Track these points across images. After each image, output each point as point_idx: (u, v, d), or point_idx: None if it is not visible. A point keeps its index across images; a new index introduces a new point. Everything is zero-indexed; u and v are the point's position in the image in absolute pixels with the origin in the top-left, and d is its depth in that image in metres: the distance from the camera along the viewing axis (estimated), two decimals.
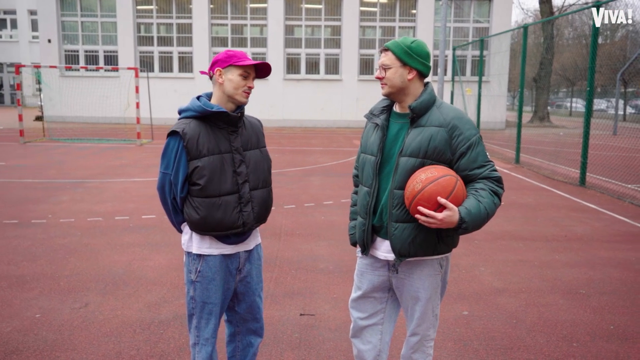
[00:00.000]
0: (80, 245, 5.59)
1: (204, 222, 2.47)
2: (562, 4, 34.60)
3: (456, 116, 2.36)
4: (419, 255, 2.41)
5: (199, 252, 2.54)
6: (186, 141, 2.42)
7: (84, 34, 23.76)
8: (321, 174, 10.23)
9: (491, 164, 2.37)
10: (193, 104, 2.50)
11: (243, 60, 2.45)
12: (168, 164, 2.49)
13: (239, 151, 2.53)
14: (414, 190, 2.24)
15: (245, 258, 2.64)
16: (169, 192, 2.52)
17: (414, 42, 2.40)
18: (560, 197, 8.66)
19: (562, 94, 54.90)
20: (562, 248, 5.76)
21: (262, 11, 23.61)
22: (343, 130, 21.80)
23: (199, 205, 2.47)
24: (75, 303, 4.12)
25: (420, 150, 2.32)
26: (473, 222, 2.23)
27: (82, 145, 14.89)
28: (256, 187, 2.58)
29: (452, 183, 2.23)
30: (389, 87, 2.41)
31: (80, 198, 7.87)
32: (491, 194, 2.31)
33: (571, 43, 45.28)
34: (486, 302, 4.27)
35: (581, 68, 39.81)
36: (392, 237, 2.39)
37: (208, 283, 2.55)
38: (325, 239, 5.95)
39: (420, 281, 2.48)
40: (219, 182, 2.46)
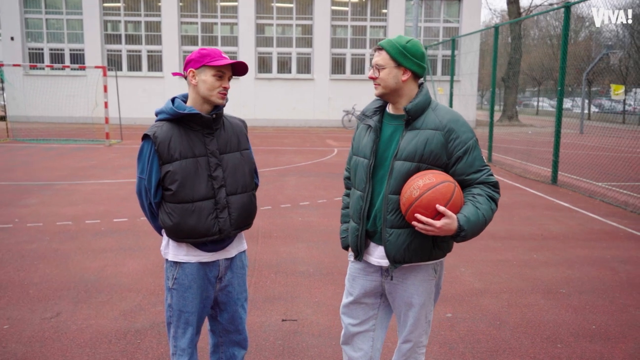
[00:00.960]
0: (50, 250, 5.38)
1: (177, 228, 2.37)
2: (529, 5, 35.21)
3: (452, 119, 2.29)
4: (414, 261, 2.34)
5: (176, 260, 2.44)
6: (157, 145, 2.33)
7: (48, 31, 23.10)
8: (296, 174, 10.13)
9: (488, 169, 2.31)
10: (166, 106, 2.40)
11: (217, 60, 2.34)
12: (143, 168, 2.39)
13: (214, 154, 2.42)
14: (411, 197, 2.17)
15: (226, 266, 2.54)
16: (145, 197, 2.43)
17: (409, 41, 2.32)
18: (534, 195, 8.75)
19: (528, 93, 55.99)
20: (540, 247, 5.80)
21: (232, 9, 23.36)
22: (315, 130, 21.74)
23: (171, 211, 2.37)
24: (46, 312, 3.94)
25: (416, 154, 2.25)
26: (472, 229, 2.17)
27: (48, 146, 14.46)
28: (234, 192, 2.47)
29: (450, 190, 2.17)
30: (382, 87, 2.33)
31: (48, 201, 7.61)
32: (488, 199, 2.26)
33: (537, 43, 46.17)
34: (469, 303, 4.24)
35: (547, 68, 40.65)
36: (386, 243, 2.32)
37: (184, 291, 2.45)
38: (304, 240, 5.86)
39: (414, 287, 2.42)
40: (192, 187, 2.36)
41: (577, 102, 30.51)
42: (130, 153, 13.17)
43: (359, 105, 22.83)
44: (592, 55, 27.49)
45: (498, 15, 48.54)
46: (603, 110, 38.06)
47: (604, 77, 34.78)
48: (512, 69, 28.18)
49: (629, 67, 29.96)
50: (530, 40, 45.51)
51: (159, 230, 2.52)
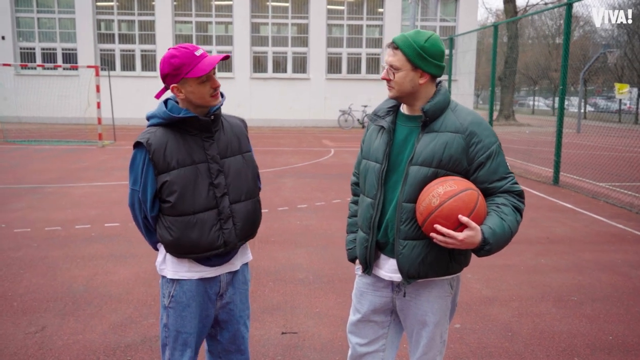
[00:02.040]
0: (37, 258, 5.14)
1: (178, 243, 2.15)
2: (525, 4, 35.13)
3: (474, 121, 2.08)
4: (430, 276, 2.13)
5: (176, 277, 2.22)
6: (152, 153, 2.10)
7: (40, 30, 22.79)
8: (293, 176, 9.91)
9: (512, 176, 2.10)
10: (159, 110, 2.17)
11: (195, 68, 2.07)
12: (136, 179, 2.16)
13: (215, 159, 2.20)
14: (430, 205, 1.95)
15: (227, 282, 2.32)
16: (139, 210, 2.21)
17: (428, 40, 2.06)
18: (536, 196, 8.56)
19: (523, 92, 55.97)
20: (546, 251, 5.60)
21: (227, 8, 23.11)
22: (312, 130, 21.52)
23: (171, 224, 2.15)
24: (31, 326, 3.70)
25: (434, 159, 2.04)
26: (497, 243, 1.96)
27: (39, 147, 14.18)
28: (238, 200, 2.25)
29: (474, 198, 1.95)
30: (397, 90, 2.11)
31: (37, 205, 7.36)
32: (514, 210, 2.05)
33: (532, 42, 46.12)
34: (478, 312, 4.04)
35: (543, 67, 40.58)
36: (399, 256, 2.11)
37: (182, 310, 2.22)
38: (303, 246, 5.64)
39: (428, 304, 2.21)
40: (193, 197, 2.14)
41: (572, 102, 30.42)
42: (123, 154, 12.92)
43: (355, 105, 22.64)
44: (589, 55, 27.39)
45: (493, 15, 48.48)
46: (598, 110, 38.05)
47: (598, 77, 34.77)
48: (509, 68, 28.07)
49: (624, 67, 29.92)
50: (525, 39, 45.45)
51: (155, 245, 2.30)
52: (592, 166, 11.33)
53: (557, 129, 9.63)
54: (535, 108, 47.88)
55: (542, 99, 51.10)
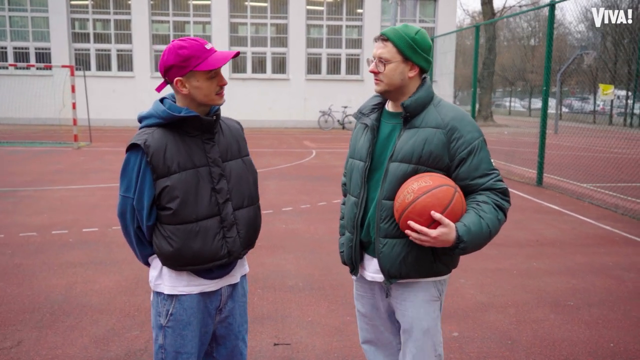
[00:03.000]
0: (11, 266, 4.88)
1: (179, 254, 1.97)
2: (502, 6, 35.49)
3: (456, 116, 2.02)
4: (412, 276, 2.06)
5: (174, 293, 2.03)
6: (150, 155, 1.91)
7: (12, 29, 22.18)
8: (276, 178, 9.73)
9: (496, 173, 2.03)
10: (156, 109, 1.99)
11: (206, 62, 1.93)
12: (129, 185, 1.97)
13: (217, 163, 2.04)
14: (405, 201, 1.90)
15: (227, 295, 2.16)
16: (131, 219, 2.01)
17: (418, 32, 2.03)
18: (521, 198, 8.53)
19: (499, 93, 56.60)
20: (538, 254, 5.53)
21: (205, 8, 22.81)
22: (291, 131, 21.34)
23: (171, 234, 1.97)
24: (5, 341, 3.47)
25: (414, 155, 1.98)
26: (473, 241, 1.89)
27: (12, 149, 13.74)
28: (240, 206, 2.10)
29: (449, 195, 1.89)
30: (385, 84, 2.04)
31: (11, 209, 7.06)
32: (495, 208, 1.97)
33: (507, 44, 46.63)
34: (475, 320, 3.92)
35: (519, 68, 41.07)
36: (380, 255, 2.05)
37: (182, 328, 2.05)
38: (290, 251, 5.48)
39: (414, 309, 2.11)
40: (195, 203, 1.97)
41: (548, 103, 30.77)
42: (100, 156, 12.58)
43: (335, 105, 22.53)
44: (565, 56, 27.72)
45: (469, 16, 48.93)
46: (573, 111, 38.62)
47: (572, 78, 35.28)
48: (487, 69, 28.28)
49: (598, 68, 30.38)
50: (500, 41, 45.96)
51: (146, 258, 2.10)
52: (573, 167, 11.38)
53: (541, 130, 9.63)
54: (512, 109, 48.42)
55: (518, 100, 51.69)
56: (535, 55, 38.34)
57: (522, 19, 42.73)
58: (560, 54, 30.39)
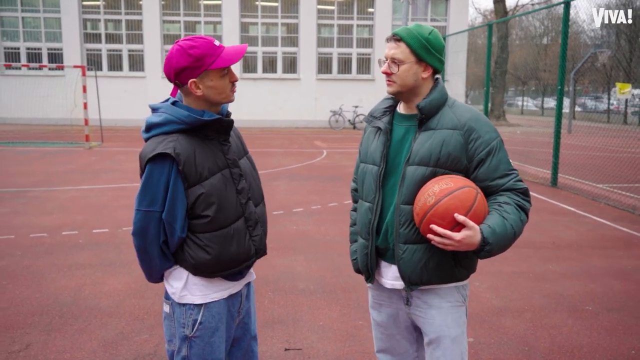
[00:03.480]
0: (21, 267, 4.85)
1: (217, 261, 1.92)
2: (515, 4, 35.18)
3: (473, 117, 1.96)
4: (434, 282, 2.00)
5: (206, 301, 1.97)
6: (182, 164, 1.83)
7: (25, 30, 22.31)
8: (287, 178, 9.67)
9: (515, 173, 1.98)
10: (177, 114, 1.87)
11: (220, 59, 1.86)
12: (154, 198, 1.85)
13: (235, 164, 2.00)
14: (426, 205, 1.84)
15: (245, 295, 2.13)
16: (156, 235, 1.88)
17: (431, 32, 1.97)
18: (535, 199, 8.39)
19: (511, 92, 56.18)
20: (554, 257, 5.41)
21: (216, 8, 22.80)
22: (302, 131, 21.27)
23: (208, 242, 1.90)
24: (14, 345, 3.43)
25: (431, 157, 1.92)
26: (498, 243, 1.83)
27: (23, 149, 13.80)
28: (258, 203, 2.09)
29: (471, 196, 1.83)
30: (398, 85, 1.98)
31: (21, 210, 7.05)
32: (517, 209, 1.92)
33: (520, 43, 46.25)
34: (490, 324, 3.83)
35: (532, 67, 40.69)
36: (400, 262, 1.98)
37: (211, 336, 1.98)
38: (301, 252, 5.41)
39: (440, 316, 2.04)
40: (227, 207, 1.93)
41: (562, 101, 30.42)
42: (111, 156, 12.59)
43: (346, 105, 22.43)
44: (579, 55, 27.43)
45: (481, 15, 48.62)
46: (586, 110, 38.22)
47: (585, 77, 34.89)
48: (499, 68, 28.04)
49: (613, 67, 30.02)
50: (512, 40, 45.60)
51: (162, 273, 1.98)
52: (588, 167, 11.20)
53: (555, 129, 9.49)
54: (524, 108, 48.02)
55: (530, 99, 51.27)
56: (548, 53, 37.99)
57: (534, 17, 42.35)
58: (574, 53, 30.08)
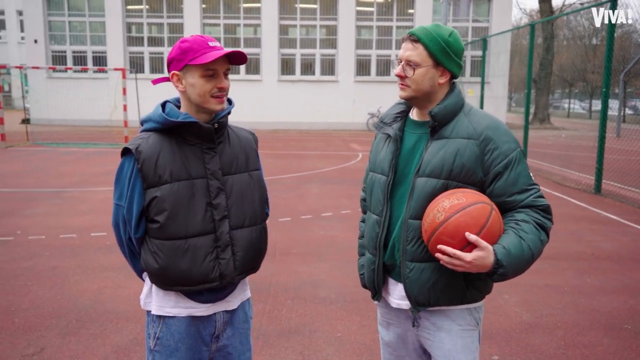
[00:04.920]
0: (47, 269, 4.90)
1: (164, 273, 1.81)
2: (562, 4, 34.10)
3: (490, 125, 1.79)
4: (442, 303, 1.84)
5: (160, 313, 1.87)
6: (141, 162, 1.77)
7: (71, 34, 23.00)
8: (319, 181, 9.56)
9: (536, 188, 1.80)
10: (154, 113, 1.85)
11: (201, 55, 1.76)
12: (121, 193, 1.83)
13: (216, 175, 1.86)
14: (435, 221, 1.68)
15: (224, 321, 1.96)
16: (124, 230, 1.86)
17: (451, 34, 1.81)
18: (576, 206, 8.03)
19: (557, 94, 54.55)
20: (592, 269, 5.12)
21: (255, 11, 22.94)
22: (339, 133, 21.15)
23: (157, 249, 1.81)
24: (29, 347, 3.43)
25: (443, 168, 1.77)
26: (513, 266, 1.67)
27: (66, 150, 14.15)
28: (240, 225, 1.91)
29: (485, 213, 1.67)
30: (413, 90, 1.83)
31: (55, 210, 7.18)
32: (536, 228, 1.74)
33: (567, 44, 44.86)
34: (518, 342, 3.61)
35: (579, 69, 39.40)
36: (406, 281, 1.83)
37: (169, 355, 1.88)
38: (326, 259, 5.28)
39: (450, 341, 1.88)
40: (186, 218, 1.80)
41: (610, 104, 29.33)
42: None
43: (385, 107, 22.17)
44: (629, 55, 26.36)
45: (528, 15, 47.42)
46: (637, 113, 36.71)
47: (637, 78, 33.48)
48: (544, 69, 27.21)
49: None
50: (559, 40, 44.25)
51: (141, 273, 1.96)
52: (636, 173, 10.65)
53: (600, 134, 9.06)
54: (571, 111, 46.54)
55: (577, 101, 49.66)
56: (597, 54, 36.69)
57: (582, 16, 40.98)
58: (624, 53, 28.92)
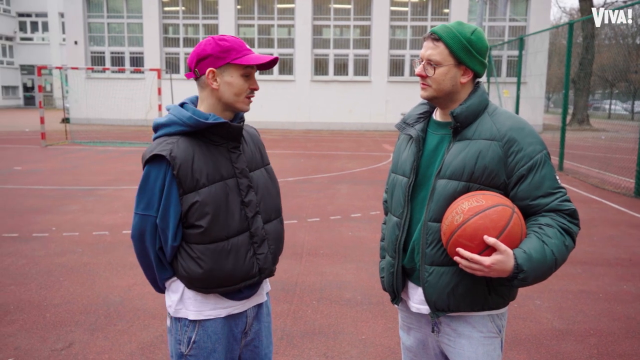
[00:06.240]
0: (79, 265, 5.01)
1: (210, 276, 1.80)
2: (603, 2, 33.18)
3: (514, 126, 1.74)
4: (463, 309, 1.78)
5: (200, 318, 1.86)
6: (177, 168, 1.74)
7: (110, 35, 23.54)
8: (349, 182, 9.52)
9: (562, 192, 1.73)
10: (179, 115, 1.80)
11: (245, 56, 1.77)
12: (150, 202, 1.78)
13: (244, 174, 1.87)
14: (453, 224, 1.64)
15: (253, 316, 1.98)
16: (152, 241, 1.81)
17: (474, 32, 1.76)
18: (614, 210, 7.77)
19: (598, 95, 53.09)
20: (629, 275, 4.94)
21: (289, 11, 23.03)
22: (372, 134, 21.05)
23: (201, 254, 1.80)
24: (58, 342, 3.50)
25: (465, 170, 1.72)
26: (534, 271, 1.60)
27: (103, 148, 14.48)
28: (269, 219, 1.94)
29: (505, 216, 1.61)
30: (434, 90, 1.78)
31: (90, 208, 7.33)
32: (561, 232, 1.67)
33: (608, 43, 43.61)
34: (548, 349, 3.51)
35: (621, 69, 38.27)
36: (425, 285, 1.79)
37: (207, 356, 1.87)
38: (353, 260, 5.24)
39: (471, 348, 1.82)
40: (226, 219, 1.80)
41: None
42: None
43: None
44: None
45: (568, 14, 46.32)
46: None
47: None
48: (583, 70, 26.50)
49: None
50: (601, 40, 43.04)
51: (164, 282, 1.90)
52: None
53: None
54: (612, 112, 45.23)
55: (619, 102, 48.23)
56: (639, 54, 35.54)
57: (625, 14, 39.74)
58: None
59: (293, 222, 6.55)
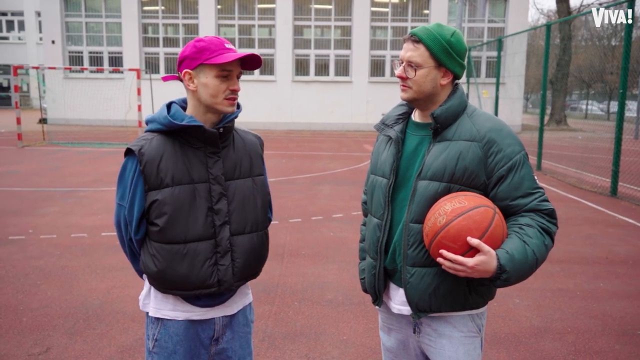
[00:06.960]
0: (57, 268, 4.93)
1: (163, 276, 1.79)
2: (580, 4, 33.66)
3: (494, 127, 1.76)
4: (444, 310, 1.80)
5: (158, 316, 1.86)
6: (143, 164, 1.75)
7: (88, 34, 23.23)
8: (331, 182, 9.53)
9: (541, 192, 1.76)
10: (159, 113, 1.83)
11: (218, 55, 1.75)
12: (124, 193, 1.82)
13: (218, 180, 1.84)
14: (436, 225, 1.65)
15: (224, 324, 1.94)
16: (125, 230, 1.85)
17: (453, 34, 1.78)
18: (592, 209, 7.90)
19: (575, 96, 53.90)
20: (606, 273, 5.03)
21: (270, 12, 22.98)
22: (353, 134, 21.10)
23: (157, 253, 1.79)
24: (35, 347, 3.45)
25: (445, 171, 1.73)
26: (517, 271, 1.63)
27: (81, 149, 14.29)
28: (241, 232, 1.89)
29: (487, 217, 1.63)
30: (414, 92, 1.80)
31: (68, 210, 7.23)
32: (541, 232, 1.70)
33: (585, 44, 44.30)
34: (527, 347, 3.55)
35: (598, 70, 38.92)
36: (407, 286, 1.80)
37: (167, 357, 1.86)
38: (335, 261, 5.25)
39: (451, 347, 1.84)
40: (186, 222, 1.78)
41: (628, 106, 28.87)
42: None
43: None
44: None
45: (545, 16, 46.96)
46: None
47: None
48: (561, 70, 26.90)
49: None
50: (578, 41, 43.70)
51: (140, 274, 1.95)
52: None
53: (616, 136, 8.91)
54: (588, 112, 45.97)
55: (595, 102, 49.03)
56: (616, 55, 36.21)
57: None
58: None
59: (275, 223, 6.54)
